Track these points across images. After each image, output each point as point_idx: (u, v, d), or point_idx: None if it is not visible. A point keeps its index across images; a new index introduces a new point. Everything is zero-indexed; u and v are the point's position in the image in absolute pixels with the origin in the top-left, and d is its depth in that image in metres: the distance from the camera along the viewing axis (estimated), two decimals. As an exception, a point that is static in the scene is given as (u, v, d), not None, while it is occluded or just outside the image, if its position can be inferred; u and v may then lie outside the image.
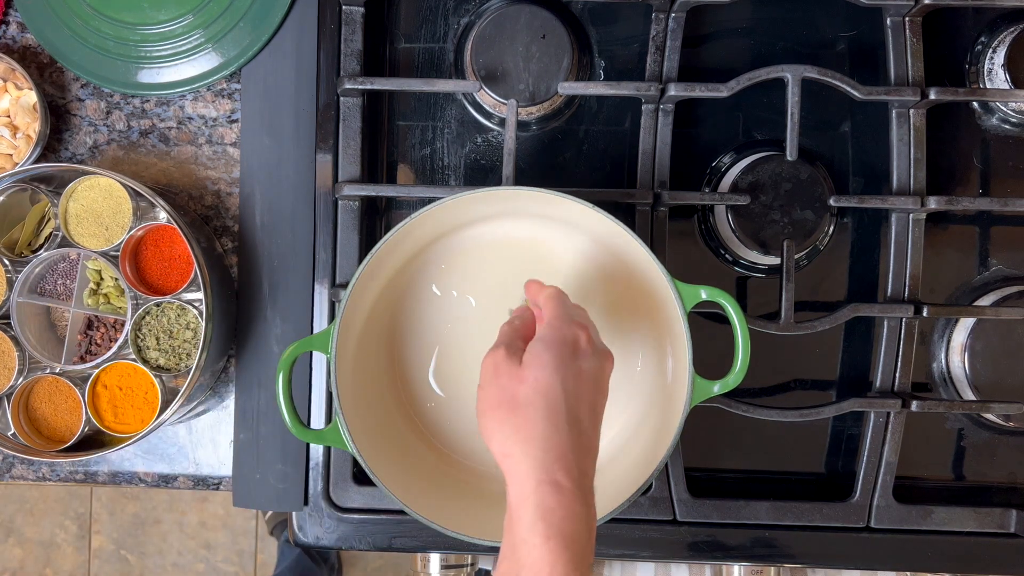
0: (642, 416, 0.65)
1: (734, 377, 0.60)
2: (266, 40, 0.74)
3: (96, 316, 0.74)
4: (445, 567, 0.78)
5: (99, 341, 0.73)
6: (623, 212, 0.69)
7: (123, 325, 0.72)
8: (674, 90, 0.70)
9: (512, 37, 0.71)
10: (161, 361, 0.70)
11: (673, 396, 0.62)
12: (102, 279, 0.73)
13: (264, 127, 0.74)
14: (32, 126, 0.73)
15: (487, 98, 0.73)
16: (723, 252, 0.75)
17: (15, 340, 0.70)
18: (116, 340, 0.71)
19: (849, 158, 0.75)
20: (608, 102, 0.76)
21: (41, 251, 0.71)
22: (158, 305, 0.70)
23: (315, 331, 0.73)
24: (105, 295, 0.72)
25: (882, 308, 0.71)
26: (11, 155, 0.74)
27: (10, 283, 0.69)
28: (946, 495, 0.75)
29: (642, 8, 0.74)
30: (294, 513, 0.73)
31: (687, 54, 0.72)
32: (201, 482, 0.77)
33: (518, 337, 0.55)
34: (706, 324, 0.71)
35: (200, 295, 0.67)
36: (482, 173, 0.76)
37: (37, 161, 0.74)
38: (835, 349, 0.75)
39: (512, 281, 0.67)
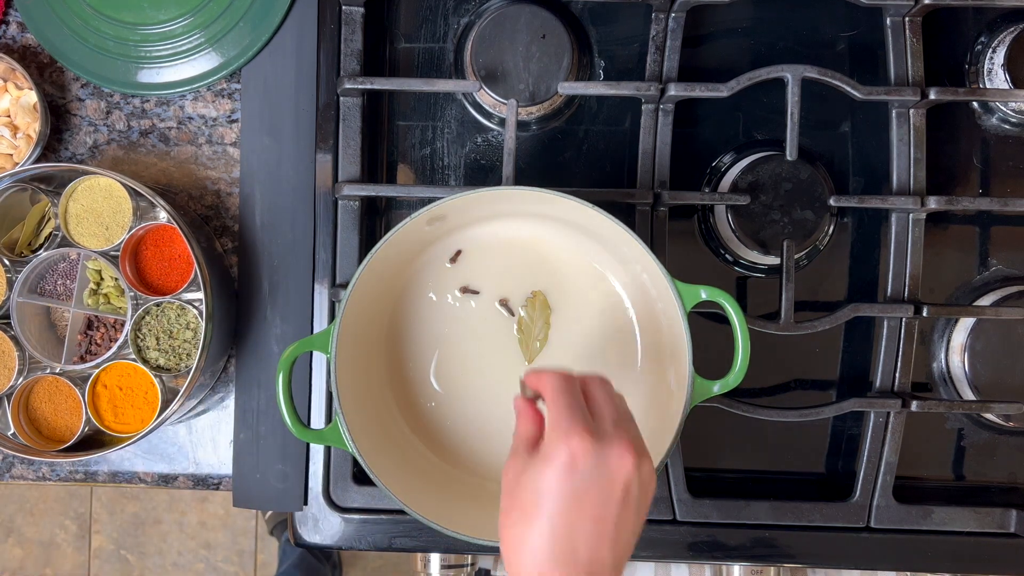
0: (642, 416, 0.65)
1: (734, 377, 0.60)
2: (266, 40, 0.74)
3: (96, 316, 0.74)
4: (445, 567, 0.78)
5: (99, 341, 0.73)
6: (623, 212, 0.69)
7: (123, 325, 0.72)
8: (674, 90, 0.70)
9: (512, 37, 0.71)
10: (161, 361, 0.70)
11: (673, 396, 0.62)
12: (102, 279, 0.73)
13: (264, 127, 0.74)
14: (32, 126, 0.73)
15: (487, 98, 0.73)
16: (723, 252, 0.75)
17: (15, 340, 0.70)
18: (116, 340, 0.71)
19: (849, 158, 0.75)
20: (608, 102, 0.76)
21: (41, 251, 0.71)
22: (158, 305, 0.70)
23: (315, 331, 0.73)
24: (105, 295, 0.72)
25: (882, 308, 0.71)
26: (11, 155, 0.74)
27: (10, 283, 0.69)
28: (946, 495, 0.75)
29: (642, 8, 0.74)
30: (294, 513, 0.73)
31: (687, 54, 0.72)
32: (201, 482, 0.77)
33: (525, 445, 0.51)
34: (706, 324, 0.71)
35: (200, 295, 0.67)
36: (482, 173, 0.76)
37: (37, 161, 0.74)
38: (835, 349, 0.75)
39: (512, 281, 0.67)
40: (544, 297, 0.67)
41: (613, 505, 0.48)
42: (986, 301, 0.74)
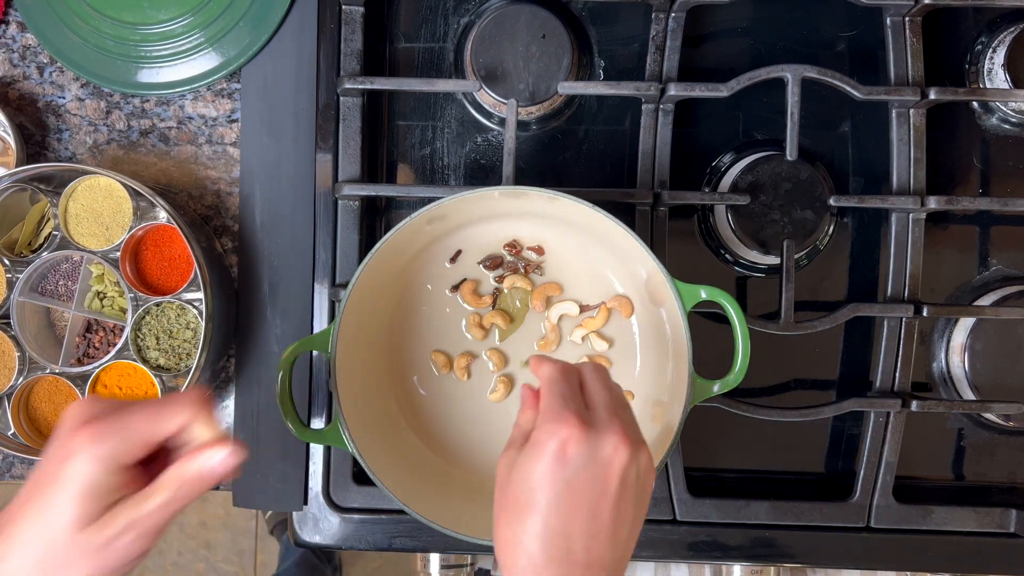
0: (642, 416, 0.65)
1: (734, 377, 0.60)
2: (266, 40, 0.74)
3: (95, 319, 0.73)
4: (445, 567, 0.78)
5: (97, 344, 0.73)
6: (623, 212, 0.69)
7: (122, 330, 0.71)
8: (674, 90, 0.70)
9: (512, 37, 0.71)
10: (161, 361, 0.70)
11: (673, 396, 0.62)
12: (103, 282, 0.73)
13: (264, 127, 0.74)
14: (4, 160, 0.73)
15: (487, 98, 0.73)
16: (723, 252, 0.75)
17: (15, 340, 0.70)
18: (114, 344, 0.71)
19: (849, 158, 0.75)
20: (608, 102, 0.76)
21: (41, 251, 0.70)
22: (158, 305, 0.70)
23: (315, 331, 0.73)
24: (108, 298, 0.72)
25: (882, 308, 0.71)
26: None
27: (9, 283, 0.69)
28: (946, 495, 0.75)
29: (642, 8, 0.74)
30: (294, 513, 0.73)
31: (687, 54, 0.72)
32: (201, 482, 0.77)
33: (522, 436, 0.49)
34: (706, 324, 0.71)
35: (200, 295, 0.67)
36: (482, 173, 0.76)
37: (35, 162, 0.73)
38: (835, 349, 0.75)
39: (512, 280, 0.67)
40: (528, 280, 0.67)
41: (609, 498, 0.45)
42: (986, 301, 0.74)
